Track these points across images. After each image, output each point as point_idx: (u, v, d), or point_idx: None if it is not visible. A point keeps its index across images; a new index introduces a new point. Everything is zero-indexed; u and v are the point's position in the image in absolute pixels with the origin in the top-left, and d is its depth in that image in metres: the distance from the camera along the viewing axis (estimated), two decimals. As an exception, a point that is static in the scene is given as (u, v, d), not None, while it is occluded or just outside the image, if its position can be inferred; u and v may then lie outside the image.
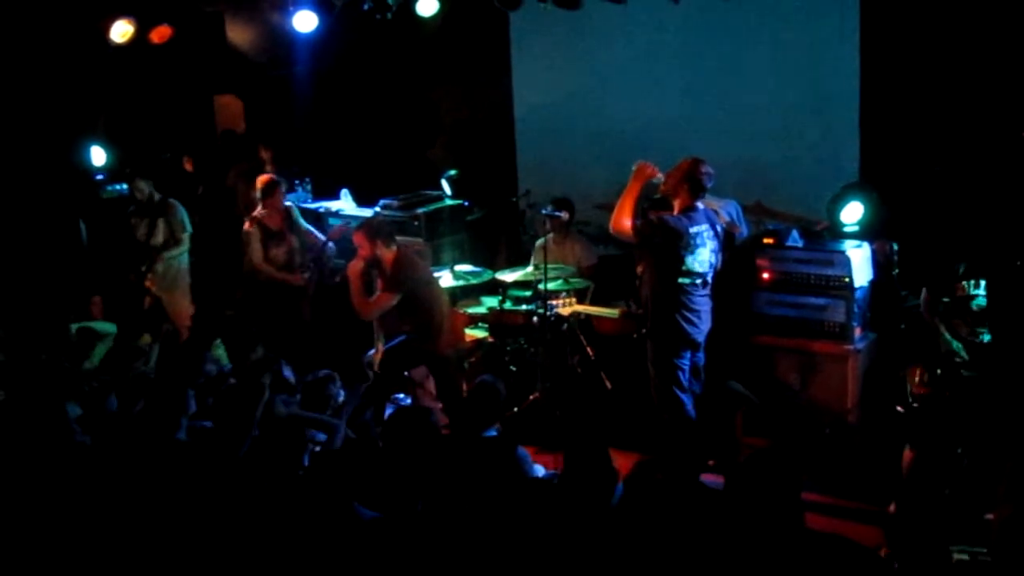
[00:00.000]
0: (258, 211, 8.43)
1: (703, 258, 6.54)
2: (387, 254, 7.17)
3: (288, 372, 6.25)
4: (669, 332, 6.60)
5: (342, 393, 6.12)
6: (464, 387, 7.53)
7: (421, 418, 5.31)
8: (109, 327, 8.14)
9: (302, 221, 8.67)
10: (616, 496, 4.65)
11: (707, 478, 6.24)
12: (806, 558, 3.82)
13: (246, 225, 8.44)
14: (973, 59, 7.49)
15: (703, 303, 6.64)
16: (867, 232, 7.29)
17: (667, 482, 4.52)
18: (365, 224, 7.41)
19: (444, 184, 9.51)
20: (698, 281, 6.55)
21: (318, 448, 5.54)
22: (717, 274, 6.71)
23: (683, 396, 6.66)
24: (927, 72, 7.70)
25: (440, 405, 7.55)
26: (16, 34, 9.38)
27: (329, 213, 9.59)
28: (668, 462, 4.60)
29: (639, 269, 7.13)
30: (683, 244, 6.45)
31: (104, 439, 5.43)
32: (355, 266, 7.17)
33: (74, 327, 7.85)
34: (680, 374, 6.66)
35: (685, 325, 6.57)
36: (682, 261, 6.48)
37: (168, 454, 5.13)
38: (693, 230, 6.49)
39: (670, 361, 6.63)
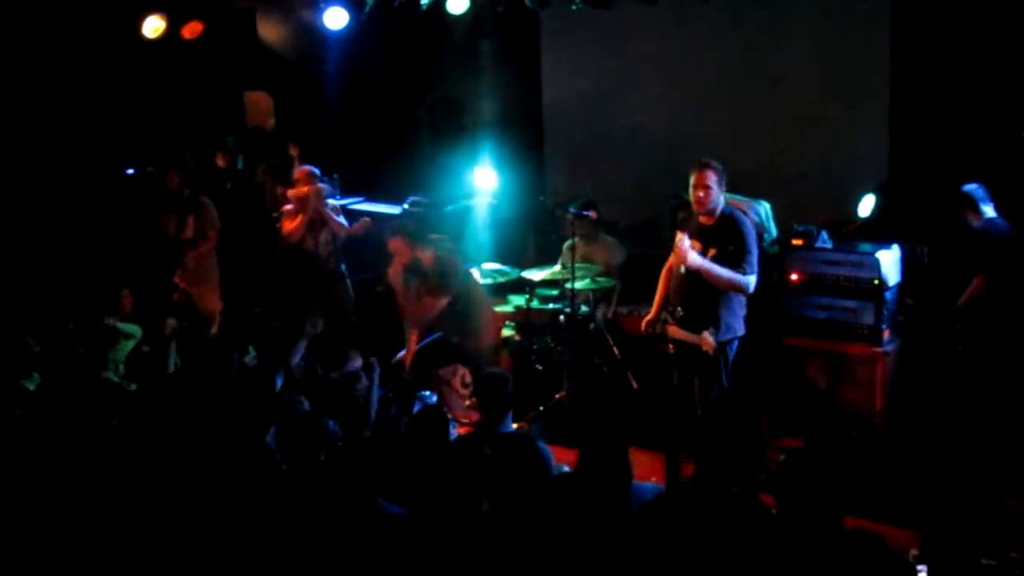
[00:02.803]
0: None
1: None
2: (426, 255, 7.20)
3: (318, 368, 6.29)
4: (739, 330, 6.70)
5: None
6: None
7: (440, 416, 5.32)
8: (134, 328, 8.16)
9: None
10: (638, 497, 4.65)
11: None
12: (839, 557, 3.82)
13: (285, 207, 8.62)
14: (1004, 60, 7.44)
15: None
16: (898, 234, 7.25)
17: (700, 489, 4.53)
18: (401, 229, 7.40)
19: (482, 174, 9.50)
20: None
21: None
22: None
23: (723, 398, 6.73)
24: (957, 74, 7.66)
25: (469, 402, 7.57)
26: (49, 29, 9.46)
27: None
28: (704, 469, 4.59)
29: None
30: None
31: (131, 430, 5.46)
32: (395, 272, 7.17)
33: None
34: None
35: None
36: None
37: (190, 446, 5.17)
38: None
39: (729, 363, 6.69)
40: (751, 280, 6.43)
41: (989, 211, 6.57)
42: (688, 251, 6.40)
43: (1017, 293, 6.33)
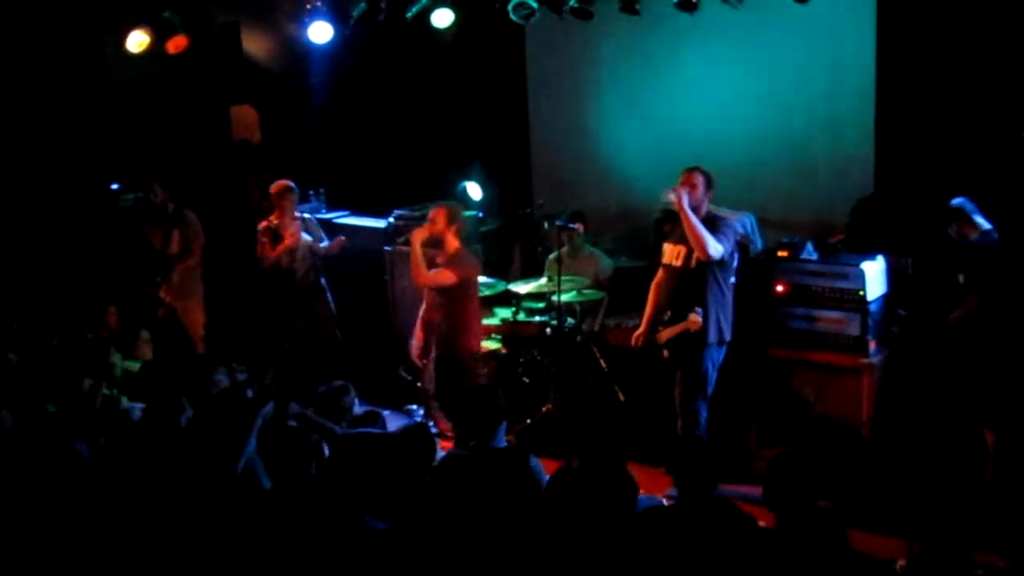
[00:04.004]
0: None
1: None
2: (453, 241, 7.43)
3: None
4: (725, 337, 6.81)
5: (357, 403, 6.11)
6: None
7: (426, 433, 5.31)
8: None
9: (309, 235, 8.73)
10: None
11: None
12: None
13: (261, 224, 8.61)
14: (989, 74, 7.48)
15: None
16: (883, 245, 7.27)
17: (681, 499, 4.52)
18: (451, 206, 7.63)
19: (471, 188, 9.53)
20: None
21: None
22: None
23: (705, 406, 6.75)
24: (942, 86, 7.69)
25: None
26: (31, 43, 9.43)
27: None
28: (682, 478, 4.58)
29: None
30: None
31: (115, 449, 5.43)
32: (420, 234, 7.42)
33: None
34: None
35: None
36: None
37: (170, 462, 5.14)
38: None
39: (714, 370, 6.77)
40: (720, 248, 6.60)
41: (983, 222, 6.60)
42: (683, 194, 6.59)
43: (1010, 304, 6.36)
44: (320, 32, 9.34)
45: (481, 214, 9.45)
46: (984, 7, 7.43)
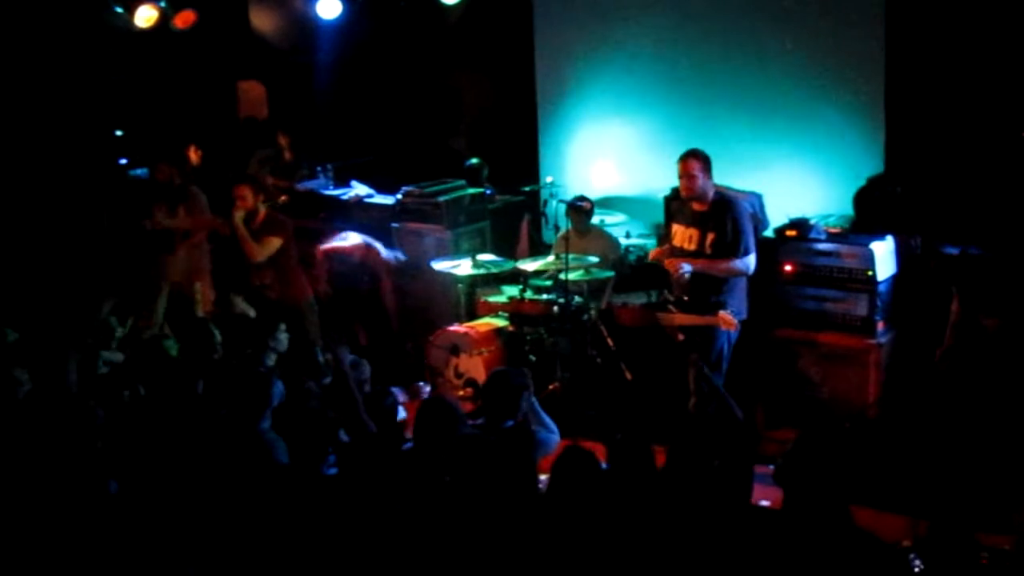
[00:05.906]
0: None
1: None
2: (262, 210, 8.09)
3: (320, 356, 6.32)
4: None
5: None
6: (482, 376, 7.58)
7: (448, 411, 5.32)
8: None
9: None
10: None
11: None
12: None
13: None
14: (998, 54, 7.44)
15: None
16: (891, 225, 7.24)
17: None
18: (254, 184, 8.22)
19: (475, 168, 9.52)
20: None
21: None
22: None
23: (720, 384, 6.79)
24: (952, 67, 7.66)
25: (463, 392, 7.64)
26: (40, 18, 9.41)
27: (358, 200, 9.55)
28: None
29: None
30: None
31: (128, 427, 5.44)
32: (239, 214, 7.95)
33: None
34: None
35: None
36: None
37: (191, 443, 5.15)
38: None
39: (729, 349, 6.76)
40: (750, 260, 6.62)
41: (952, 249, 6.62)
42: (679, 268, 6.59)
43: None
44: (329, 7, 9.32)
45: (489, 191, 9.44)
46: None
